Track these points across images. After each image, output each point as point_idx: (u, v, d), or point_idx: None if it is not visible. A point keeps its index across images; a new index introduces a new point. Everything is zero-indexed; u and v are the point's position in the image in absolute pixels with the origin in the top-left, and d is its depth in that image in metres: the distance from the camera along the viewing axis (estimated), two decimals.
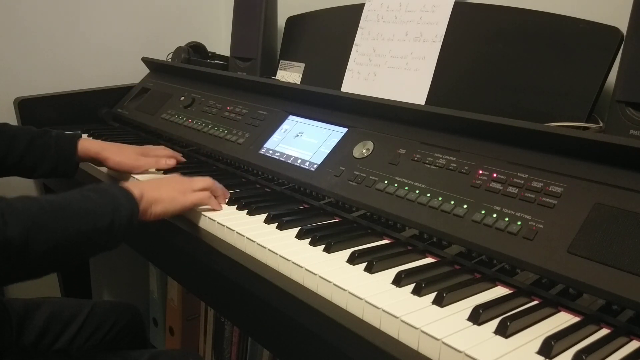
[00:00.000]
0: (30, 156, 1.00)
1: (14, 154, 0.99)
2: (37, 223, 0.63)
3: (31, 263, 0.63)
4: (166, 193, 0.83)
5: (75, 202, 0.70)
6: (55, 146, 1.02)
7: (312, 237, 0.76)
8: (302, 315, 0.63)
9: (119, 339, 1.14)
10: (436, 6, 1.06)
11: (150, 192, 0.80)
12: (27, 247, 0.61)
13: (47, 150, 1.01)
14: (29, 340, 1.01)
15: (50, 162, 1.01)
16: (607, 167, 0.66)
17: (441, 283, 0.64)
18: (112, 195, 0.74)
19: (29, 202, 0.65)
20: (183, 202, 0.84)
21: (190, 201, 0.84)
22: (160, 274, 1.74)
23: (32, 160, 1.00)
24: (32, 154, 1.00)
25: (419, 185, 0.79)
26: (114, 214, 0.72)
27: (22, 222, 0.61)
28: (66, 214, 0.67)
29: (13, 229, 0.60)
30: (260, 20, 1.38)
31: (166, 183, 0.85)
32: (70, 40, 1.53)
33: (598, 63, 0.85)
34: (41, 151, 1.00)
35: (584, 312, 0.60)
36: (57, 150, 1.01)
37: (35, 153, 1.00)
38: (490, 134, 0.78)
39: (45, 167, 1.01)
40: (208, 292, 0.87)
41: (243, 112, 1.17)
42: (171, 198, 0.83)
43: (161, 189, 0.83)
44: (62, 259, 0.68)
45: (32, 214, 0.63)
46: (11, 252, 0.60)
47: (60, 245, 0.65)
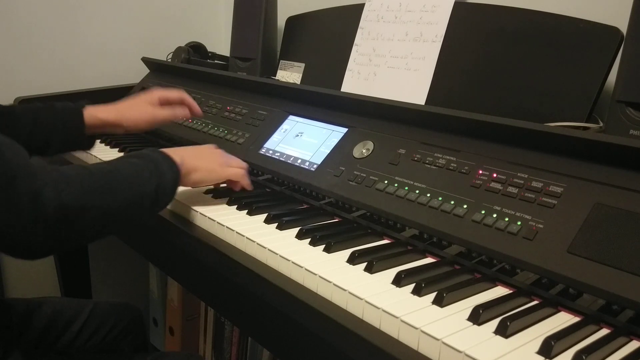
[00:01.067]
0: (37, 134, 0.97)
1: (22, 134, 0.95)
2: (90, 189, 0.65)
3: (87, 227, 0.66)
4: (205, 163, 0.86)
5: (122, 168, 0.72)
6: (61, 120, 0.97)
7: (312, 237, 0.76)
8: (302, 315, 0.63)
9: (120, 340, 1.14)
10: (436, 6, 1.06)
11: (189, 160, 0.83)
12: (83, 212, 0.64)
13: (53, 125, 0.97)
14: (30, 340, 1.01)
15: (60, 137, 0.97)
16: (607, 167, 0.66)
17: (441, 283, 0.64)
18: (156, 160, 0.76)
19: (80, 170, 0.67)
20: (220, 174, 0.88)
21: (227, 174, 0.89)
22: (160, 274, 1.74)
23: (41, 139, 0.96)
24: (39, 132, 0.96)
25: (419, 185, 0.79)
26: (159, 178, 0.74)
27: (76, 189, 0.63)
28: (115, 179, 0.70)
29: (68, 195, 0.62)
30: (260, 20, 1.38)
31: (206, 154, 0.89)
32: (70, 40, 1.53)
33: (598, 63, 0.85)
34: (47, 127, 0.96)
35: (584, 312, 0.60)
36: (63, 123, 0.97)
37: (41, 130, 0.96)
38: (490, 134, 0.78)
39: (56, 143, 0.97)
40: (208, 292, 0.87)
41: (243, 112, 1.17)
42: (209, 169, 0.86)
43: (201, 158, 0.86)
44: (115, 223, 0.70)
45: (84, 180, 0.65)
46: (69, 217, 0.62)
47: (112, 209, 0.68)
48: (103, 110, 1.01)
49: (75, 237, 0.66)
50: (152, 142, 1.33)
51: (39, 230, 0.60)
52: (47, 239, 0.62)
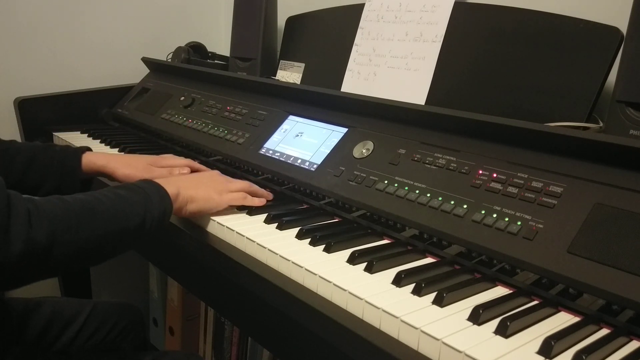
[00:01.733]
0: (32, 174, 0.96)
1: (15, 171, 0.95)
2: (63, 225, 0.62)
3: (55, 264, 0.62)
4: (203, 192, 0.82)
5: (105, 201, 0.69)
6: (58, 162, 0.97)
7: (312, 237, 0.76)
8: (302, 315, 0.63)
9: (120, 340, 1.14)
10: (436, 6, 1.06)
11: (186, 190, 0.80)
12: (52, 250, 0.60)
13: (50, 166, 0.96)
14: (30, 340, 1.01)
15: (54, 179, 0.96)
16: (607, 167, 0.66)
17: (441, 283, 0.64)
18: (145, 193, 0.73)
19: (56, 204, 0.64)
20: (218, 202, 0.83)
21: (226, 201, 0.84)
22: (160, 274, 1.74)
23: (34, 178, 0.96)
24: (34, 172, 0.96)
25: (419, 185, 0.79)
26: (146, 213, 0.71)
27: (47, 225, 0.60)
28: (94, 214, 0.66)
29: (38, 231, 0.59)
30: (260, 20, 1.38)
31: (204, 181, 0.85)
32: (70, 40, 1.53)
33: (598, 63, 0.85)
34: (43, 168, 0.96)
35: (584, 312, 0.60)
36: (60, 166, 0.97)
37: (36, 170, 0.96)
38: (490, 134, 0.78)
39: (49, 185, 0.96)
40: (208, 292, 0.87)
41: (243, 112, 1.17)
42: (207, 197, 0.82)
43: (198, 187, 0.82)
44: (88, 259, 0.67)
45: (58, 216, 0.62)
46: (36, 254, 0.59)
47: (86, 247, 0.64)
48: (101, 158, 1.00)
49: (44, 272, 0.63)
50: (152, 142, 1.33)
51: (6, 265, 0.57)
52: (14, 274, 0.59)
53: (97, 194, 0.70)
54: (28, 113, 1.41)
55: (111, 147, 1.27)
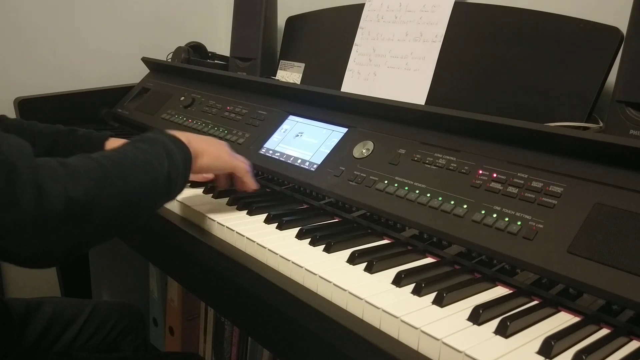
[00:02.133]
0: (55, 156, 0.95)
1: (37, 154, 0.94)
2: (99, 180, 0.60)
3: (101, 223, 0.60)
4: (212, 148, 0.82)
5: (129, 155, 0.67)
6: (81, 146, 0.95)
7: (312, 237, 0.76)
8: (302, 315, 0.63)
9: (120, 340, 1.14)
10: (436, 6, 1.06)
11: (196, 143, 0.78)
12: (94, 206, 0.57)
13: (72, 150, 0.94)
14: (30, 340, 1.01)
15: None
16: (607, 167, 0.66)
17: (441, 283, 0.64)
18: (163, 143, 0.72)
19: (86, 160, 0.62)
20: (227, 161, 0.83)
21: (234, 164, 0.84)
22: (160, 274, 1.74)
23: None
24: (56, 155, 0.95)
25: (419, 185, 0.79)
26: (170, 161, 0.70)
27: (84, 181, 0.58)
28: (124, 167, 0.64)
29: (76, 188, 0.56)
30: (260, 20, 1.38)
31: (211, 141, 0.84)
32: (70, 41, 1.53)
33: (598, 63, 0.85)
34: (65, 151, 0.93)
35: (584, 312, 0.60)
36: (82, 150, 0.92)
37: (59, 154, 0.92)
38: (490, 134, 0.78)
39: None
40: (208, 292, 0.87)
41: (243, 112, 1.17)
42: (217, 154, 0.82)
43: (207, 144, 0.82)
44: (129, 215, 0.65)
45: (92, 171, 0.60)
46: (78, 213, 0.56)
47: (125, 201, 0.62)
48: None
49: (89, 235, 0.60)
50: None
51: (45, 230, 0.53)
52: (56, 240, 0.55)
53: (120, 149, 0.69)
54: (28, 113, 1.41)
55: None
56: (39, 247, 0.55)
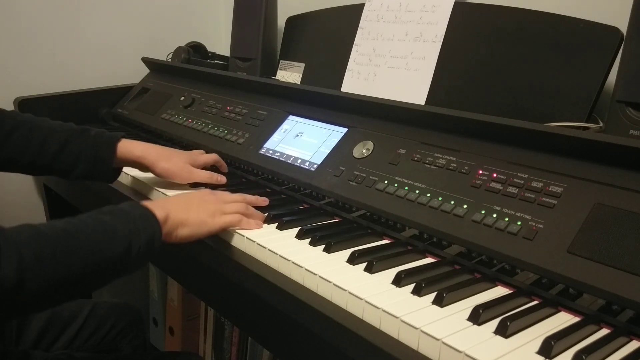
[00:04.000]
0: (64, 157, 0.91)
1: (47, 154, 0.91)
2: (35, 260, 0.55)
3: (27, 302, 0.56)
4: (195, 215, 0.75)
5: (85, 228, 0.62)
6: (92, 147, 0.92)
7: (312, 237, 0.76)
8: (302, 315, 0.63)
9: (119, 340, 1.14)
10: (436, 6, 1.06)
11: (176, 213, 0.73)
12: (22, 287, 0.54)
13: (84, 151, 0.92)
14: (29, 340, 1.01)
15: (87, 164, 0.92)
16: (607, 167, 0.66)
17: (441, 283, 0.64)
18: (132, 218, 0.67)
19: (29, 234, 0.57)
20: (212, 226, 0.77)
21: (220, 225, 0.78)
22: (160, 274, 1.74)
23: (67, 162, 0.92)
24: (67, 155, 0.91)
25: (419, 185, 0.79)
26: (132, 239, 0.65)
27: (17, 259, 0.54)
28: (73, 244, 0.60)
29: (7, 267, 0.53)
30: (260, 20, 1.38)
31: (196, 204, 0.78)
32: (70, 40, 1.53)
33: (598, 63, 0.85)
34: (77, 152, 0.91)
35: (584, 312, 0.60)
36: (94, 151, 0.92)
37: (70, 153, 0.91)
38: (490, 134, 0.78)
39: (81, 169, 0.92)
40: (208, 292, 0.87)
41: (243, 112, 1.17)
42: (199, 221, 0.76)
43: (190, 210, 0.76)
44: (66, 294, 0.61)
45: (30, 248, 0.56)
46: (5, 292, 0.53)
47: (63, 281, 0.58)
48: (138, 147, 0.95)
49: (15, 311, 0.57)
50: (152, 142, 1.33)
51: None
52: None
53: (77, 220, 0.64)
54: (28, 113, 1.41)
55: None
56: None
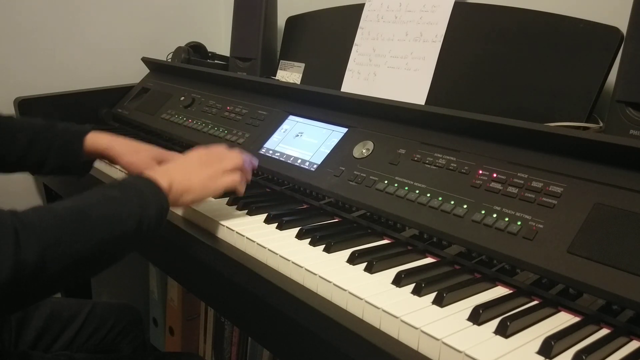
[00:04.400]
0: (34, 152, 0.92)
1: (17, 149, 0.91)
2: (54, 240, 0.55)
3: (49, 283, 0.56)
4: (197, 180, 0.76)
5: (96, 206, 0.62)
6: (60, 142, 0.93)
7: (312, 237, 0.76)
8: (302, 315, 0.63)
9: (119, 340, 1.14)
10: (436, 6, 1.06)
11: (179, 180, 0.74)
12: (44, 269, 0.54)
13: (52, 145, 0.93)
14: (28, 340, 1.01)
15: (56, 158, 0.93)
16: (607, 167, 0.66)
17: (441, 283, 0.64)
18: (138, 190, 0.67)
19: (43, 215, 0.57)
20: (214, 189, 0.78)
21: (222, 187, 0.79)
22: (160, 274, 1.74)
23: (37, 156, 0.92)
24: (36, 150, 0.92)
25: (419, 185, 0.79)
26: (142, 212, 0.65)
27: (37, 242, 0.54)
28: (87, 222, 0.60)
29: (27, 250, 0.52)
30: (260, 20, 1.38)
31: (197, 166, 0.78)
32: (70, 40, 1.53)
33: (598, 63, 0.85)
34: (45, 146, 0.92)
35: (584, 312, 0.60)
36: (62, 144, 0.93)
37: (39, 148, 0.92)
38: (490, 134, 0.78)
39: (52, 164, 0.93)
40: (208, 292, 0.87)
41: (243, 112, 1.17)
42: (202, 186, 0.77)
43: (192, 175, 0.76)
44: (87, 270, 0.61)
45: (48, 229, 0.56)
46: (26, 276, 0.52)
47: (82, 259, 0.58)
48: (105, 139, 0.96)
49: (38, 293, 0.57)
50: (152, 142, 1.33)
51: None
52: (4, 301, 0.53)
53: (87, 197, 0.64)
54: (28, 113, 1.41)
55: None
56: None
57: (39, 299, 0.59)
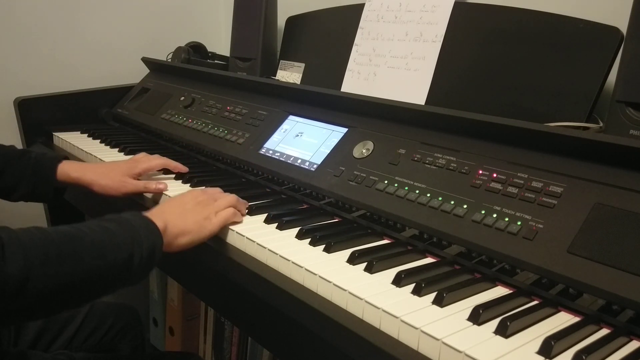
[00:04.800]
0: (6, 177, 0.96)
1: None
2: (40, 257, 0.56)
3: (32, 303, 0.56)
4: (192, 220, 0.76)
5: (89, 234, 0.63)
6: (33, 168, 0.97)
7: (312, 237, 0.76)
8: (302, 315, 0.63)
9: (118, 340, 1.14)
10: (436, 6, 1.06)
11: (174, 222, 0.73)
12: (27, 286, 0.54)
13: (24, 171, 0.96)
14: (28, 340, 1.01)
15: (27, 185, 0.97)
16: (607, 167, 0.66)
17: (441, 283, 0.64)
18: (134, 227, 0.67)
19: (35, 235, 0.58)
20: (210, 229, 0.77)
21: (218, 225, 0.78)
22: (160, 274, 1.74)
23: (9, 181, 0.96)
24: (9, 175, 0.96)
25: (419, 185, 0.79)
26: (134, 247, 0.65)
27: (23, 258, 0.54)
28: (77, 246, 0.60)
29: (12, 265, 0.53)
30: (260, 20, 1.38)
31: (190, 207, 0.78)
32: (70, 40, 1.53)
33: (598, 63, 0.85)
34: (18, 172, 0.96)
35: (584, 312, 0.60)
36: (34, 172, 0.97)
37: (11, 174, 0.96)
38: (490, 134, 0.78)
39: (23, 189, 0.97)
40: (208, 292, 0.87)
41: (243, 112, 1.17)
42: (198, 227, 0.76)
43: (186, 216, 0.76)
44: (68, 298, 0.60)
45: (36, 248, 0.56)
46: (7, 291, 0.53)
47: (67, 283, 0.58)
48: (76, 168, 0.98)
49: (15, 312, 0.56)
50: (152, 142, 1.33)
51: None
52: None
53: (82, 225, 0.64)
54: (28, 113, 1.41)
55: (111, 147, 1.27)
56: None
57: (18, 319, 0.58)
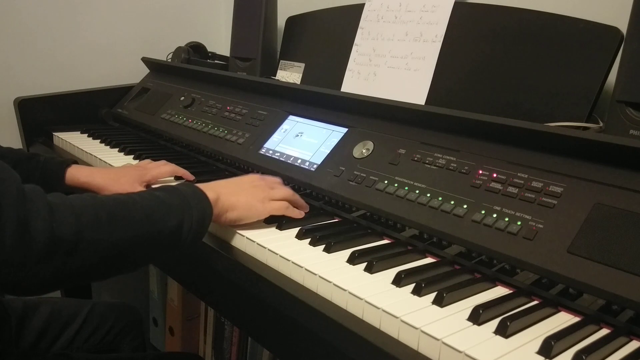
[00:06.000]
0: None
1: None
2: (91, 222, 0.57)
3: (80, 265, 0.57)
4: (244, 199, 0.77)
5: (140, 200, 0.64)
6: (41, 171, 0.96)
7: (312, 237, 0.76)
8: (302, 315, 0.63)
9: (119, 340, 1.14)
10: (436, 6, 1.06)
11: (227, 196, 0.75)
12: (78, 248, 0.56)
13: (33, 174, 0.95)
14: (28, 341, 1.01)
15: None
16: (607, 167, 0.66)
17: (441, 283, 0.64)
18: (183, 194, 0.68)
19: (86, 200, 0.59)
20: (261, 211, 0.78)
21: (268, 211, 0.79)
22: (160, 274, 1.74)
23: None
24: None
25: (419, 185, 0.79)
26: (184, 214, 0.66)
27: (74, 220, 0.55)
28: (129, 211, 0.61)
29: (63, 227, 0.54)
30: (260, 20, 1.38)
31: (246, 188, 0.79)
32: (70, 40, 1.53)
33: (598, 63, 0.85)
34: (26, 175, 0.94)
35: (584, 312, 0.60)
36: (43, 175, 0.95)
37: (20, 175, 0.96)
38: (490, 134, 0.78)
39: None
40: (208, 292, 0.87)
41: (243, 112, 1.17)
42: (248, 206, 0.77)
43: (240, 194, 0.77)
44: (117, 263, 0.61)
45: (87, 211, 0.57)
46: (59, 252, 0.54)
47: (116, 248, 0.59)
48: (85, 173, 0.97)
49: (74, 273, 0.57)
50: (152, 142, 1.33)
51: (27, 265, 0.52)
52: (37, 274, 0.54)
53: (133, 194, 0.66)
54: (28, 113, 1.41)
55: (111, 147, 1.27)
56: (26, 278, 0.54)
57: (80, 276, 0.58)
